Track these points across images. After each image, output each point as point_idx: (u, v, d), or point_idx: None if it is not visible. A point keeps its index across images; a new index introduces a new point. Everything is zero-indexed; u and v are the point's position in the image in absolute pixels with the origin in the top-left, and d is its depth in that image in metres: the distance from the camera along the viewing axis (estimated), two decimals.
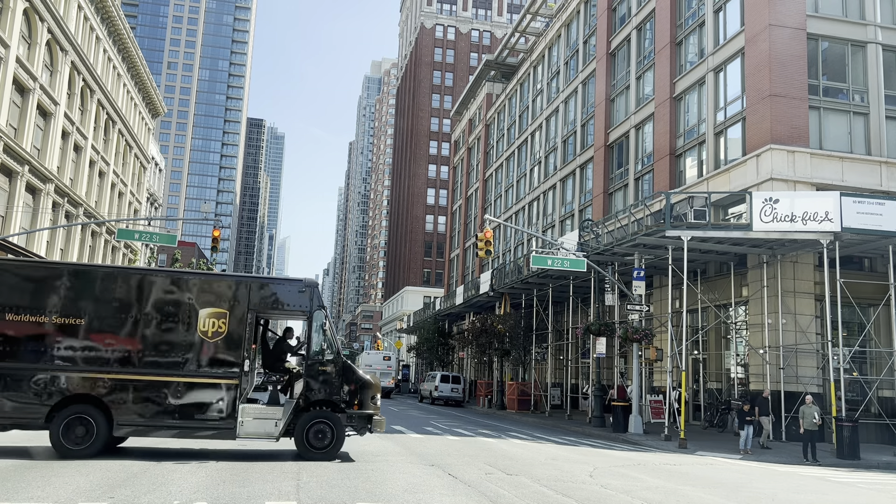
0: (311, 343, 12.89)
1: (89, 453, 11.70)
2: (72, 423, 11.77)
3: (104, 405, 11.96)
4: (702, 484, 12.71)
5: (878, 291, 23.99)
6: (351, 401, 12.87)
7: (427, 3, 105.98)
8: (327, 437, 12.62)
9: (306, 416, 12.64)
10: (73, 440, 11.75)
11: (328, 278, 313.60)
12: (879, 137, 26.43)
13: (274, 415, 12.64)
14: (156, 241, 28.48)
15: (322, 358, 12.88)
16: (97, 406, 11.96)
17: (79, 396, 11.93)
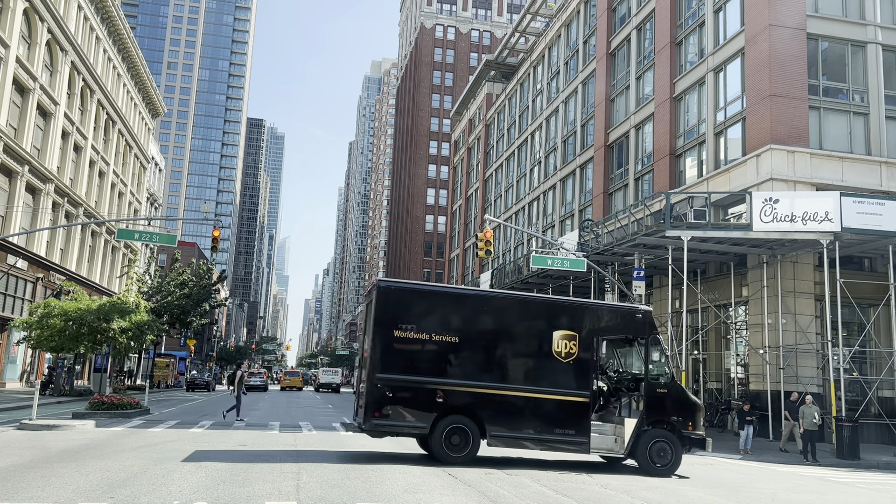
0: (650, 367, 13.72)
1: (464, 461, 12.61)
2: (450, 433, 12.71)
3: (478, 417, 12.85)
4: (702, 484, 12.71)
5: (878, 291, 23.99)
6: (685, 421, 13.61)
7: (427, 3, 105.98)
8: (668, 455, 13.39)
9: (647, 435, 13.41)
10: (450, 448, 12.68)
11: (328, 278, 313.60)
12: (879, 137, 26.44)
13: (617, 432, 13.56)
14: (156, 241, 28.47)
15: (660, 381, 13.72)
16: (471, 418, 12.83)
17: (456, 408, 12.83)
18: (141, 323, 28.39)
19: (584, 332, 13.42)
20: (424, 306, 13.29)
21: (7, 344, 33.85)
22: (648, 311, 14.04)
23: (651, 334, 13.76)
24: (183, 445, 14.44)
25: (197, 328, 54.35)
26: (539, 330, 13.42)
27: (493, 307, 13.81)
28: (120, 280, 49.68)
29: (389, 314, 12.96)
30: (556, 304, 14.59)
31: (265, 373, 71.40)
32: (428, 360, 12.92)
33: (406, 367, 12.78)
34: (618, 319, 14.12)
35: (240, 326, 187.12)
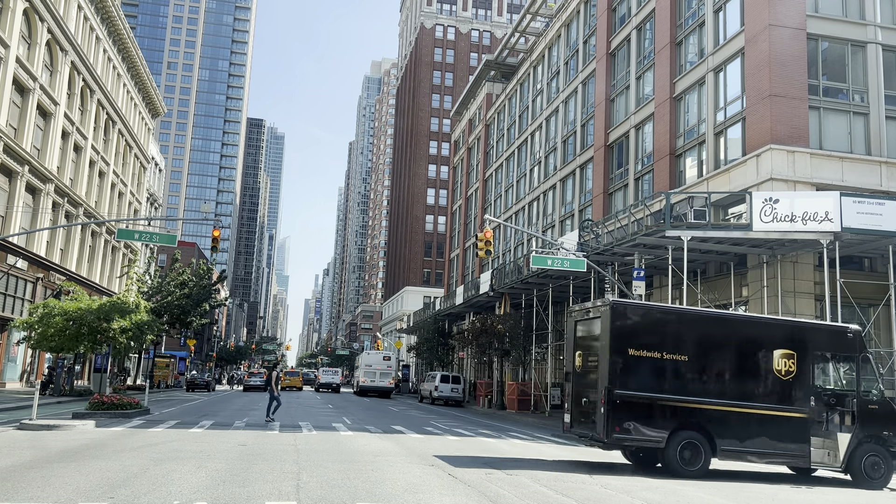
0: (861, 384, 14.24)
1: (696, 474, 13.12)
2: (683, 448, 13.28)
3: (708, 433, 13.40)
4: (702, 484, 12.70)
5: (878, 291, 23.99)
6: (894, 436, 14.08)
7: (427, 3, 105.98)
8: (881, 469, 13.85)
9: (862, 449, 13.80)
10: (683, 461, 13.23)
11: (328, 278, 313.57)
12: (879, 137, 26.44)
13: (829, 445, 13.96)
14: (156, 241, 28.46)
15: (871, 397, 14.31)
16: (702, 433, 13.38)
17: (689, 424, 13.41)
18: (141, 323, 28.39)
19: (800, 350, 14.05)
20: (656, 325, 14.01)
21: (7, 344, 33.86)
22: (858, 331, 14.67)
23: (862, 352, 14.37)
24: (183, 445, 14.44)
25: (197, 328, 54.35)
26: (761, 349, 14.03)
27: (719, 327, 14.52)
28: (120, 280, 49.69)
29: (625, 333, 13.59)
30: (776, 323, 15.25)
31: (265, 373, 71.35)
32: (661, 378, 13.53)
33: (641, 384, 13.38)
34: (830, 337, 14.88)
35: (240, 326, 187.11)
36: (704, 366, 13.84)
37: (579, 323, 14.89)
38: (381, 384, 53.89)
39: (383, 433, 19.92)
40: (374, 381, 53.80)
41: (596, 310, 14.22)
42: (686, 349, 13.68)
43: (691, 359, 13.70)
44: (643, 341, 13.53)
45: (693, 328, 14.23)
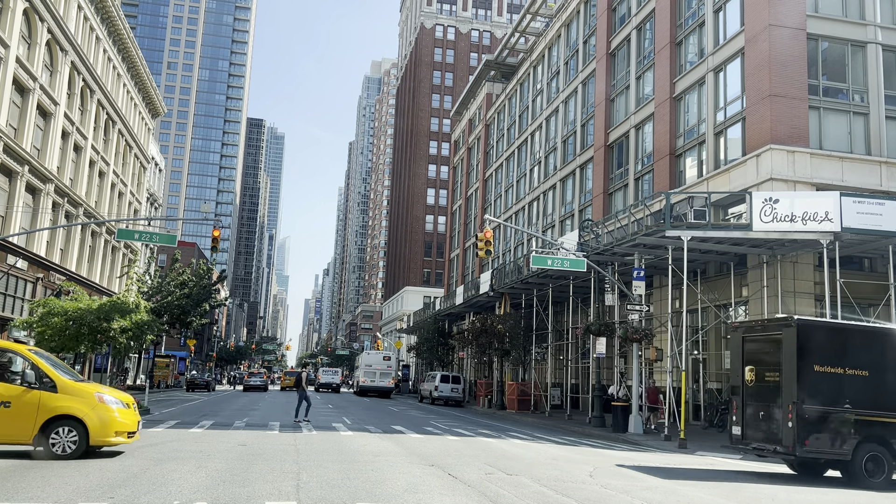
0: None
1: (879, 486, 13.37)
2: (867, 460, 13.64)
3: (890, 445, 13.76)
4: (702, 484, 12.71)
5: (878, 291, 23.99)
6: None
7: (427, 3, 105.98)
8: None
9: None
10: (867, 473, 13.59)
11: (328, 278, 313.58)
12: (879, 137, 26.44)
13: None
14: (156, 241, 28.46)
15: None
16: (884, 446, 13.76)
17: (872, 437, 13.80)
18: (141, 323, 28.41)
19: None
20: (839, 342, 14.43)
21: None
22: None
23: None
24: (183, 445, 14.45)
25: (197, 328, 54.35)
26: None
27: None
28: (120, 280, 49.69)
29: (810, 350, 13.97)
30: None
31: (265, 373, 71.38)
32: (844, 393, 13.89)
33: (826, 399, 13.79)
34: None
35: (240, 326, 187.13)
36: (885, 380, 14.23)
37: (749, 339, 15.36)
38: (381, 384, 53.91)
39: (383, 433, 19.92)
40: (374, 381, 53.82)
41: (774, 327, 14.87)
42: (867, 364, 14.10)
43: (872, 374, 14.09)
44: (827, 358, 13.98)
45: (873, 344, 14.66)
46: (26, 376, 11.70)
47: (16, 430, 11.40)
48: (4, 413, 11.32)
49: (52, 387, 11.75)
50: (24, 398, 11.48)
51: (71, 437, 11.61)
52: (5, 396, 11.40)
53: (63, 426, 11.58)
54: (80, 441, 11.62)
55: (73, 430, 11.61)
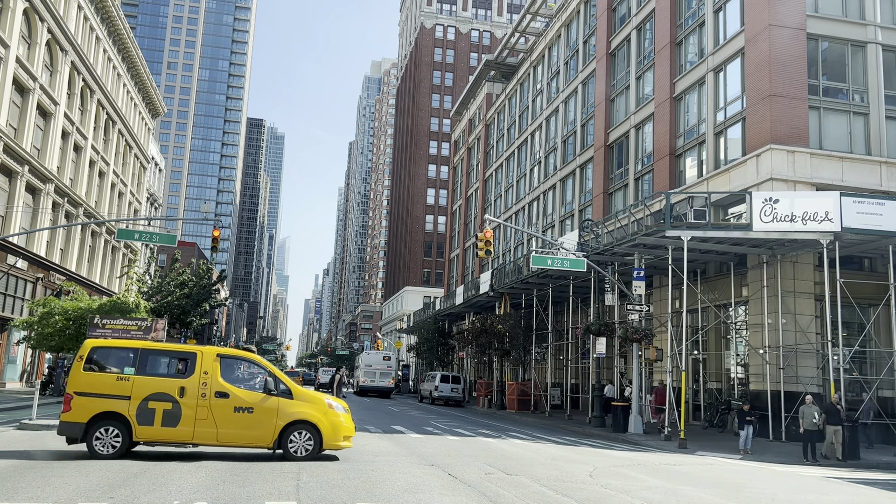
0: None
1: None
2: None
3: None
4: (702, 484, 12.71)
5: (878, 291, 23.98)
6: None
7: (427, 3, 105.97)
8: None
9: None
10: None
11: (328, 278, 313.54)
12: (879, 137, 26.43)
13: None
14: (156, 241, 28.46)
15: None
16: None
17: None
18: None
19: None
20: None
21: (7, 344, 33.85)
22: None
23: None
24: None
25: (197, 328, 54.26)
26: None
27: None
28: (120, 280, 49.68)
29: None
30: None
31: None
32: None
33: None
34: None
35: (240, 326, 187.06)
36: None
37: None
38: (381, 384, 53.89)
39: (383, 433, 19.92)
40: (374, 381, 53.80)
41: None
42: None
43: None
44: None
45: None
46: (266, 384, 12.56)
47: (258, 434, 12.30)
48: (248, 418, 12.24)
49: (289, 394, 12.63)
50: (265, 404, 12.37)
51: (307, 441, 12.49)
52: (248, 403, 12.30)
53: (299, 430, 12.45)
54: (314, 445, 12.49)
55: (308, 435, 12.49)
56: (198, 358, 12.41)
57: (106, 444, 11.79)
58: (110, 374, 12.12)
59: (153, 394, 11.97)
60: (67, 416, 11.86)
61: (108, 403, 11.86)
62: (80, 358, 12.22)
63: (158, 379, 12.16)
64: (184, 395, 12.05)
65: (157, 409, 11.92)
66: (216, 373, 12.32)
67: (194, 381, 12.17)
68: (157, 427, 11.91)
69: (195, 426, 11.99)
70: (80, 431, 11.83)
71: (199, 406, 12.03)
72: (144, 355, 12.43)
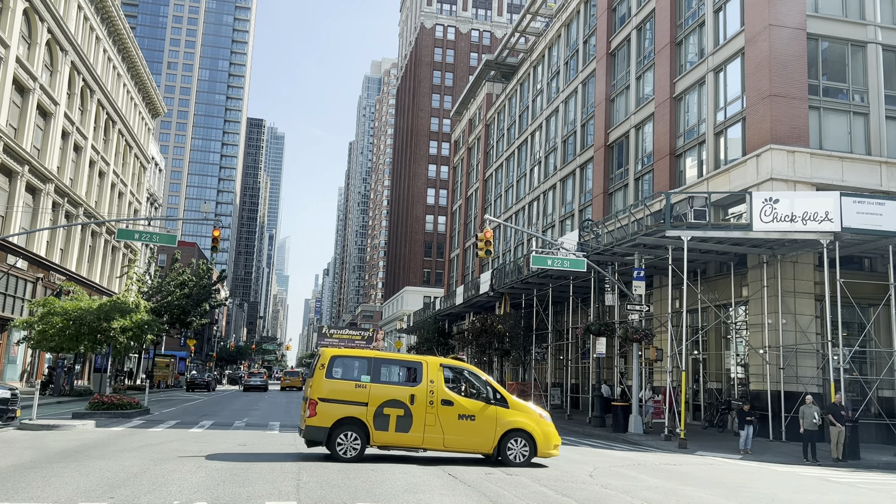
0: None
1: None
2: None
3: None
4: (702, 484, 12.71)
5: (878, 291, 23.98)
6: None
7: (427, 3, 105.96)
8: None
9: None
10: None
11: (328, 278, 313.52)
12: (879, 137, 26.43)
13: None
14: (156, 241, 28.45)
15: None
16: None
17: None
18: (141, 322, 28.40)
19: None
20: None
21: (7, 344, 33.85)
22: None
23: None
24: (183, 445, 14.44)
25: (197, 328, 54.36)
26: None
27: None
28: (120, 280, 49.68)
29: None
30: None
31: (265, 373, 71.43)
32: None
33: None
34: None
35: (240, 326, 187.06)
36: None
37: None
38: None
39: None
40: None
41: None
42: None
43: None
44: None
45: None
46: (485, 393, 13.38)
47: (479, 441, 13.07)
48: (471, 425, 13.00)
49: (504, 403, 13.35)
50: (485, 413, 13.12)
51: (523, 449, 13.18)
52: (470, 411, 13.05)
53: (516, 438, 13.17)
54: (529, 452, 13.19)
55: (524, 443, 13.20)
56: (423, 367, 13.21)
57: (347, 448, 12.56)
58: (349, 382, 12.83)
59: (387, 401, 12.72)
60: (313, 421, 12.56)
61: (349, 409, 12.60)
62: (322, 366, 12.92)
63: (391, 386, 12.98)
64: (414, 402, 12.80)
65: (392, 415, 12.68)
66: (441, 382, 13.10)
67: (422, 389, 12.93)
68: (391, 432, 12.70)
69: (425, 432, 12.76)
70: (324, 435, 12.56)
71: (427, 413, 12.80)
72: (377, 364, 13.23)
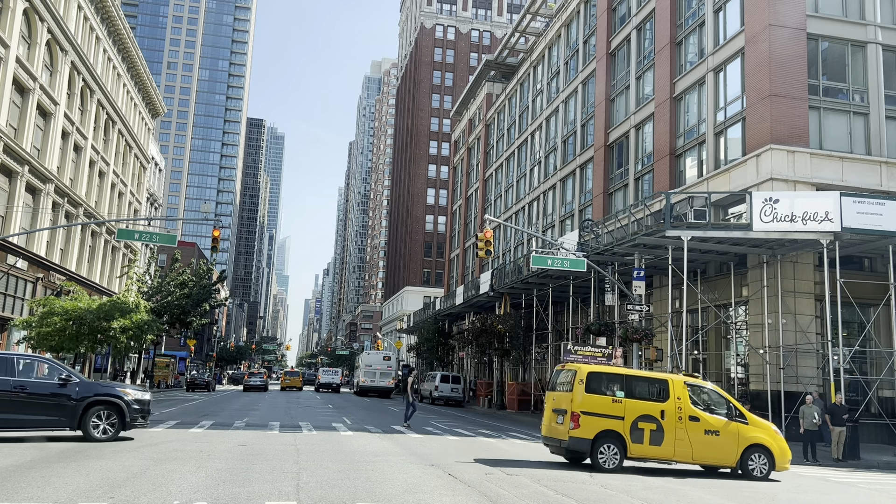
0: None
1: None
2: None
3: None
4: (702, 484, 12.71)
5: (878, 291, 23.98)
6: None
7: (427, 3, 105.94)
8: None
9: None
10: None
11: (328, 278, 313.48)
12: (879, 137, 26.42)
13: None
14: (156, 241, 28.46)
15: None
16: None
17: None
18: (141, 322, 28.41)
19: None
20: None
21: (7, 344, 33.84)
22: None
23: None
24: (183, 445, 14.44)
25: (197, 328, 54.35)
26: None
27: None
28: (120, 280, 49.68)
29: None
30: None
31: (265, 373, 71.46)
32: None
33: None
34: None
35: (240, 326, 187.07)
36: None
37: None
38: (381, 384, 53.90)
39: (383, 433, 19.92)
40: (374, 381, 53.81)
41: None
42: None
43: None
44: None
45: None
46: (726, 410, 14.13)
47: (723, 455, 13.91)
48: (715, 440, 13.83)
49: (744, 419, 14.15)
50: (728, 429, 13.95)
51: (762, 464, 13.98)
52: (715, 427, 13.88)
53: (756, 453, 13.98)
54: (768, 467, 13.99)
55: (764, 458, 13.99)
56: (670, 385, 14.01)
57: (608, 459, 13.41)
58: (606, 397, 13.72)
59: (641, 415, 13.59)
60: (576, 433, 13.46)
61: (608, 423, 13.50)
62: (581, 381, 13.78)
63: (643, 402, 13.78)
64: (664, 417, 13.65)
65: (645, 429, 13.54)
66: (686, 399, 13.88)
67: (671, 405, 13.76)
68: (645, 445, 13.53)
69: (675, 446, 13.60)
70: (587, 447, 13.46)
71: (677, 428, 13.61)
72: (629, 381, 14.14)
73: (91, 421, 14.35)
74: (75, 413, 14.19)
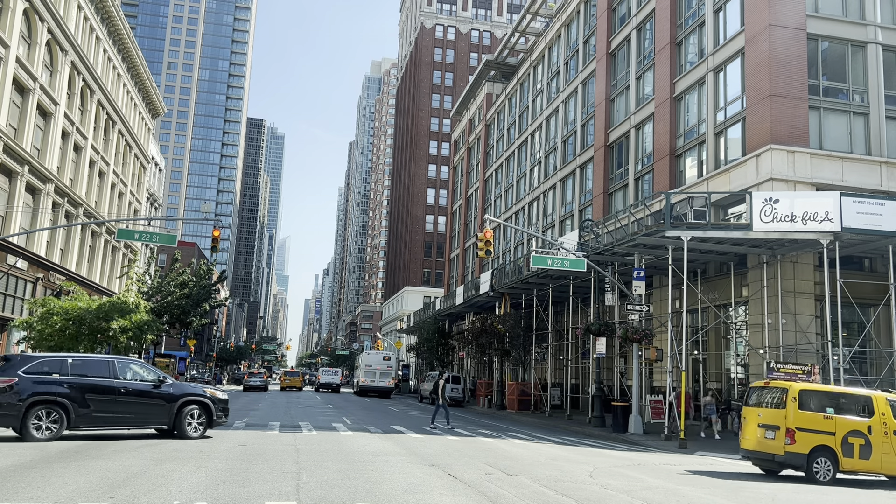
0: None
1: None
2: None
3: None
4: (702, 484, 12.71)
5: (878, 291, 23.99)
6: None
7: (427, 3, 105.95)
8: None
9: None
10: None
11: (328, 278, 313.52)
12: (879, 137, 26.43)
13: None
14: (156, 241, 28.44)
15: None
16: None
17: None
18: (141, 323, 28.39)
19: None
20: None
21: (7, 344, 33.84)
22: None
23: None
24: (183, 445, 14.44)
25: (197, 328, 54.30)
26: None
27: None
28: (120, 280, 49.68)
29: None
30: None
31: (265, 373, 71.47)
32: None
33: None
34: None
35: (240, 326, 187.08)
36: None
37: None
38: (381, 384, 53.89)
39: (383, 433, 19.92)
40: (374, 381, 53.80)
41: None
42: None
43: None
44: None
45: None
46: None
47: None
48: None
49: None
50: None
51: None
52: None
53: None
54: None
55: None
56: (874, 401, 14.72)
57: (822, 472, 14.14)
58: (818, 414, 14.45)
59: (850, 431, 14.32)
60: (792, 448, 14.21)
61: (821, 438, 14.28)
62: (794, 399, 14.48)
63: (851, 419, 14.48)
64: (871, 432, 14.38)
65: (855, 443, 14.29)
66: (890, 414, 14.58)
67: (876, 420, 14.50)
68: (855, 459, 14.27)
69: (882, 460, 14.35)
70: (803, 461, 14.19)
71: (883, 442, 14.37)
72: (836, 398, 14.82)
73: (186, 419, 15.54)
74: (170, 412, 15.40)
